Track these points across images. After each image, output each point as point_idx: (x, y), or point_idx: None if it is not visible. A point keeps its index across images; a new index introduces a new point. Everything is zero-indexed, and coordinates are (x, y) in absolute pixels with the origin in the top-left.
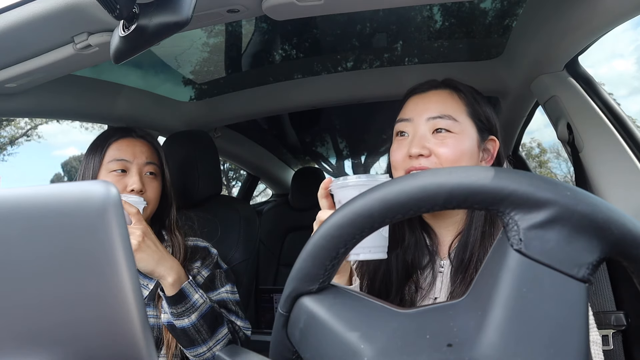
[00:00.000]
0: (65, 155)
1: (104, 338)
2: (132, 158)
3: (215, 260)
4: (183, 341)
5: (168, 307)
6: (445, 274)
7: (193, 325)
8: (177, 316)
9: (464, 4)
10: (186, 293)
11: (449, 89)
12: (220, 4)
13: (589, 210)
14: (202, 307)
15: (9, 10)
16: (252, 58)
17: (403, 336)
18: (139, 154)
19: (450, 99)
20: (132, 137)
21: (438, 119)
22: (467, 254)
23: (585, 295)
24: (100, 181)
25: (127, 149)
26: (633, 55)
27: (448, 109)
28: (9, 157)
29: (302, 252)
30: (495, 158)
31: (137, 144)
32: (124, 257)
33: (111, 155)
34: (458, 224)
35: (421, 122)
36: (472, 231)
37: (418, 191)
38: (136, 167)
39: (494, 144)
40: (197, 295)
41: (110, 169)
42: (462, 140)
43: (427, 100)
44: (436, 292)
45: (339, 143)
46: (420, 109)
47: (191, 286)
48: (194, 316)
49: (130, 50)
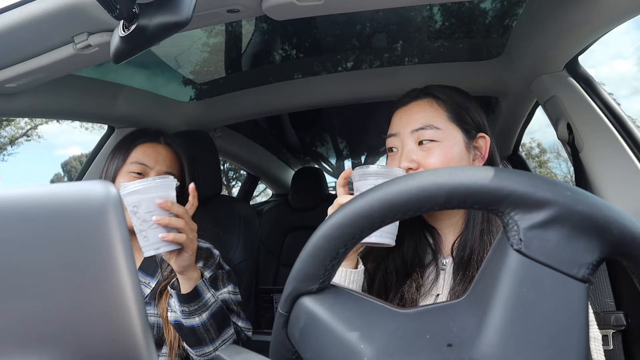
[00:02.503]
0: (68, 155)
1: (104, 338)
2: (153, 164)
3: (218, 261)
4: (190, 340)
5: (179, 305)
6: (448, 271)
7: (203, 324)
8: (189, 314)
9: (464, 4)
10: (200, 291)
11: (428, 97)
12: (220, 4)
13: (588, 210)
14: (213, 307)
15: (9, 10)
16: (252, 58)
17: (403, 336)
18: (161, 161)
19: (429, 108)
20: (158, 143)
21: (421, 130)
22: (467, 251)
23: (585, 295)
24: (100, 181)
25: (151, 154)
26: (634, 56)
27: (429, 118)
28: (9, 157)
29: (302, 252)
30: (488, 154)
31: (162, 150)
32: (124, 257)
33: (134, 157)
34: (459, 224)
35: (406, 136)
36: (471, 229)
37: (418, 191)
38: (155, 173)
39: (484, 140)
40: (209, 294)
41: (129, 170)
42: (448, 147)
43: (409, 112)
44: (438, 288)
45: (339, 143)
46: (404, 122)
47: (204, 284)
48: (205, 315)
49: (130, 50)
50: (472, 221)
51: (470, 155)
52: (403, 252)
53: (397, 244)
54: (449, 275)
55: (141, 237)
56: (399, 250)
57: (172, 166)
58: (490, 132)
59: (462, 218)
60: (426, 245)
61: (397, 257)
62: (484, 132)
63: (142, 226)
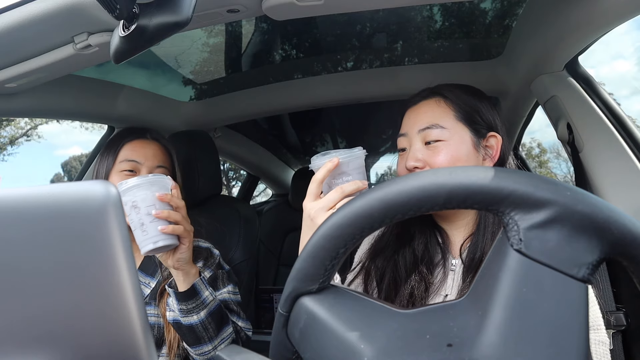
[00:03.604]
0: (68, 155)
1: (104, 338)
2: (143, 160)
3: (218, 260)
4: (189, 339)
5: (177, 304)
6: (457, 272)
7: (201, 322)
8: (187, 313)
9: (464, 4)
10: (197, 289)
11: (437, 96)
12: (220, 4)
13: (589, 210)
14: (211, 305)
15: (9, 10)
16: (252, 58)
17: (403, 336)
18: (151, 156)
19: (437, 107)
20: (145, 139)
21: (427, 129)
22: (478, 253)
23: (585, 295)
24: (100, 181)
25: (140, 150)
26: (634, 56)
27: (436, 118)
28: (9, 157)
29: (302, 252)
30: (500, 153)
31: (151, 146)
32: (124, 257)
33: (123, 156)
34: (469, 226)
35: (414, 135)
36: (482, 231)
37: (418, 191)
38: (146, 170)
39: (495, 140)
40: (207, 292)
41: (121, 169)
42: (455, 146)
43: (417, 112)
44: (447, 289)
45: (339, 143)
46: (412, 122)
47: (202, 283)
48: (203, 313)
49: (130, 50)
50: (484, 223)
51: (479, 155)
52: (414, 248)
53: (408, 240)
54: (458, 276)
55: (140, 232)
56: (410, 246)
57: (163, 160)
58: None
59: (473, 220)
60: (436, 244)
61: (408, 253)
62: (496, 131)
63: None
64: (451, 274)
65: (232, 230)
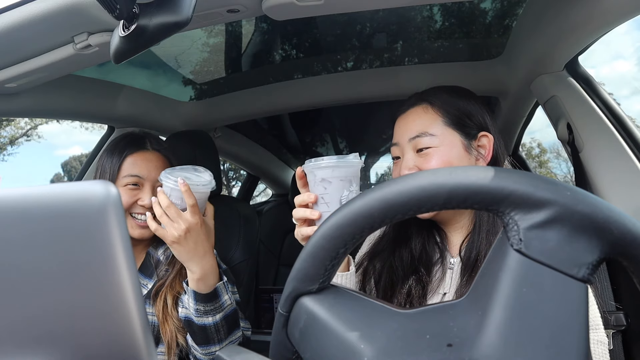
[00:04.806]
0: (68, 155)
1: (104, 338)
2: (146, 174)
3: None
4: (198, 338)
5: (195, 304)
6: (455, 270)
7: (215, 324)
8: (203, 313)
9: (464, 4)
10: (219, 293)
11: (424, 103)
12: (220, 4)
13: (588, 210)
14: (228, 309)
15: (9, 10)
16: (252, 58)
17: (403, 336)
18: (153, 169)
19: (424, 115)
20: (146, 150)
21: (417, 138)
22: (474, 252)
23: (585, 295)
24: (100, 181)
25: (142, 164)
26: (634, 56)
27: (425, 125)
28: (9, 157)
29: (302, 252)
30: (492, 152)
31: (152, 158)
32: (124, 257)
33: (126, 170)
34: (467, 225)
35: (405, 144)
36: (477, 230)
37: (418, 191)
38: (149, 183)
39: (487, 139)
40: (227, 296)
41: (124, 183)
42: (446, 152)
43: (406, 120)
44: (445, 287)
45: (339, 143)
46: (402, 131)
47: (224, 287)
48: (219, 316)
49: (130, 50)
50: (479, 222)
51: (471, 156)
52: (411, 247)
53: (405, 239)
54: (457, 275)
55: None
56: (407, 246)
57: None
58: (494, 130)
59: (470, 219)
60: (434, 243)
61: (405, 253)
62: (487, 130)
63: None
64: (449, 272)
65: (232, 230)
